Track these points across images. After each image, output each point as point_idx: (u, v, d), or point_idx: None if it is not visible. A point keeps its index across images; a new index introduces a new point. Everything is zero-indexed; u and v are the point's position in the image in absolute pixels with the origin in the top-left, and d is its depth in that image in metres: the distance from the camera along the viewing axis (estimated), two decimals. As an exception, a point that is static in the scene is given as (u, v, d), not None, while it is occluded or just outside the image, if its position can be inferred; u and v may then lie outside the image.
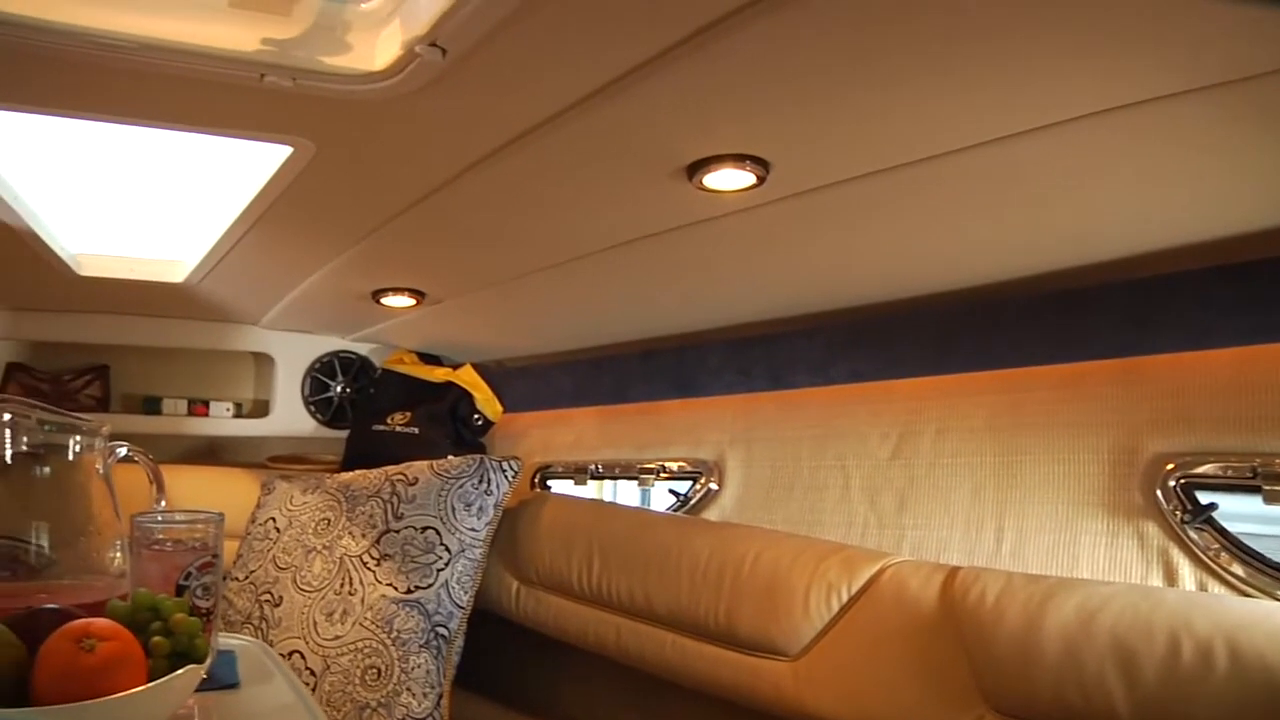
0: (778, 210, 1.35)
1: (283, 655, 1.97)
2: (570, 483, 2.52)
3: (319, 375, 2.94)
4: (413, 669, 1.95)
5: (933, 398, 1.71)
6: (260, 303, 2.45)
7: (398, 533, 2.07)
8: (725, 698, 1.60)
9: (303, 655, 1.99)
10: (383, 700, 1.91)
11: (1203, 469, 1.34)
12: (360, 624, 1.98)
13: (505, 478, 2.14)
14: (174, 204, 1.79)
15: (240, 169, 1.49)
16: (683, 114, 1.08)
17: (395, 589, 2.00)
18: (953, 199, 1.26)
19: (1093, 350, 1.49)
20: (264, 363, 2.94)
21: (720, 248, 1.57)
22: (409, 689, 1.93)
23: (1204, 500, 1.34)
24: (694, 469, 2.15)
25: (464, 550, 2.06)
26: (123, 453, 1.29)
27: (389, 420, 2.76)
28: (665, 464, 2.22)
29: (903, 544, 1.69)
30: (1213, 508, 1.33)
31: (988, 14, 0.82)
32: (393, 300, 2.19)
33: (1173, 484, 1.36)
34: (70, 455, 1.22)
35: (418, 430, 2.70)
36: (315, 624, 2.02)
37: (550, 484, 2.60)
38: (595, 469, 2.43)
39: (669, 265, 1.70)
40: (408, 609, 1.98)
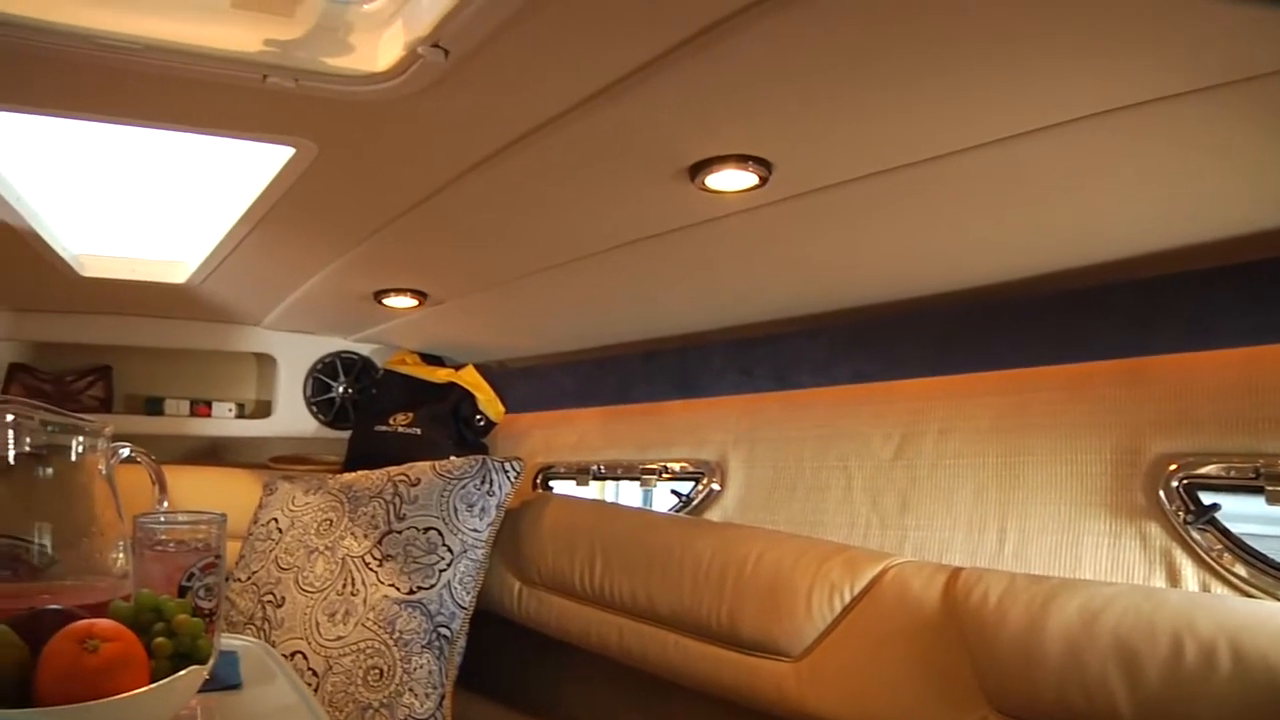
0: (780, 211, 1.35)
1: (285, 656, 1.97)
2: (572, 483, 2.52)
3: (321, 376, 2.94)
4: (415, 670, 1.95)
5: (935, 398, 1.71)
6: (262, 303, 2.45)
7: (400, 533, 2.07)
8: (727, 698, 1.59)
9: (305, 656, 1.99)
10: (385, 701, 1.91)
11: (1206, 470, 1.34)
12: (362, 625, 1.98)
13: (507, 478, 2.14)
14: (176, 205, 1.79)
15: (243, 170, 1.49)
16: (685, 114, 1.08)
17: (397, 590, 2.01)
18: (955, 199, 1.26)
19: (1095, 351, 1.49)
20: (266, 363, 2.94)
21: (723, 248, 1.57)
22: (411, 689, 1.93)
23: (1207, 501, 1.34)
24: (696, 469, 2.15)
25: (466, 551, 2.06)
26: (125, 454, 1.29)
27: (391, 421, 2.75)
28: (667, 464, 2.22)
29: (905, 545, 1.68)
30: (1215, 508, 1.33)
31: (990, 15, 0.82)
32: (395, 301, 2.19)
33: (1176, 485, 1.36)
34: (73, 456, 1.22)
35: (420, 431, 2.70)
36: (317, 624, 2.02)
37: (552, 485, 2.60)
38: (597, 469, 2.43)
39: (671, 266, 1.70)
40: (410, 609, 1.99)
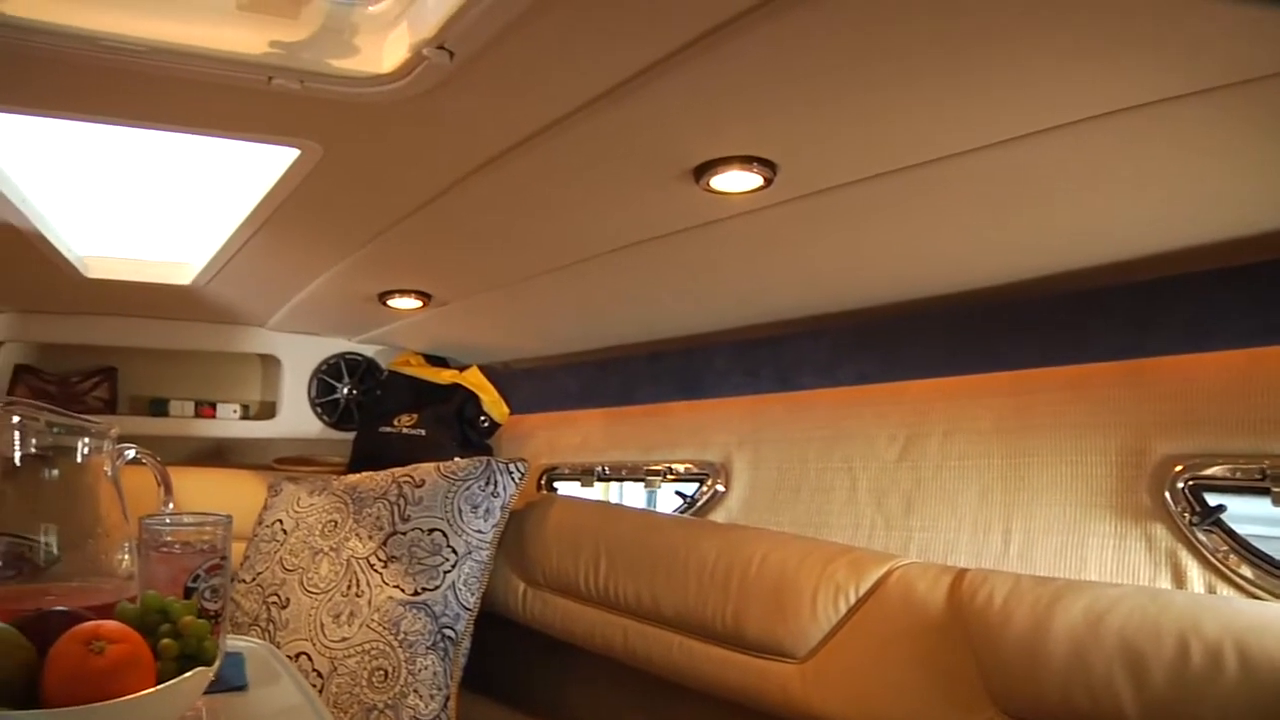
0: (784, 212, 1.35)
1: (290, 657, 1.97)
2: (577, 484, 2.52)
3: (325, 377, 2.94)
4: (420, 671, 1.95)
5: (940, 399, 1.71)
6: (267, 305, 2.45)
7: (404, 534, 2.08)
8: (732, 700, 1.59)
9: (310, 657, 1.99)
10: (390, 702, 1.91)
11: (1211, 471, 1.34)
12: (367, 626, 1.98)
13: (512, 479, 2.14)
14: (181, 206, 1.79)
15: (248, 171, 1.49)
16: (690, 116, 1.08)
17: (402, 591, 2.01)
18: (958, 201, 1.26)
19: (1097, 352, 1.49)
20: (271, 364, 2.94)
21: (727, 249, 1.57)
22: (416, 691, 1.93)
23: (1212, 502, 1.33)
24: (700, 471, 2.15)
25: (471, 552, 2.06)
26: (131, 455, 1.29)
27: (395, 422, 2.76)
28: (672, 466, 2.22)
29: (910, 546, 1.68)
30: (1221, 509, 1.32)
31: (993, 17, 0.82)
32: (399, 302, 2.19)
33: (1181, 486, 1.36)
34: (78, 457, 1.22)
35: (424, 432, 2.70)
36: (322, 626, 2.02)
37: (557, 486, 2.60)
38: (602, 471, 2.43)
39: (676, 267, 1.70)
40: (415, 611, 1.99)
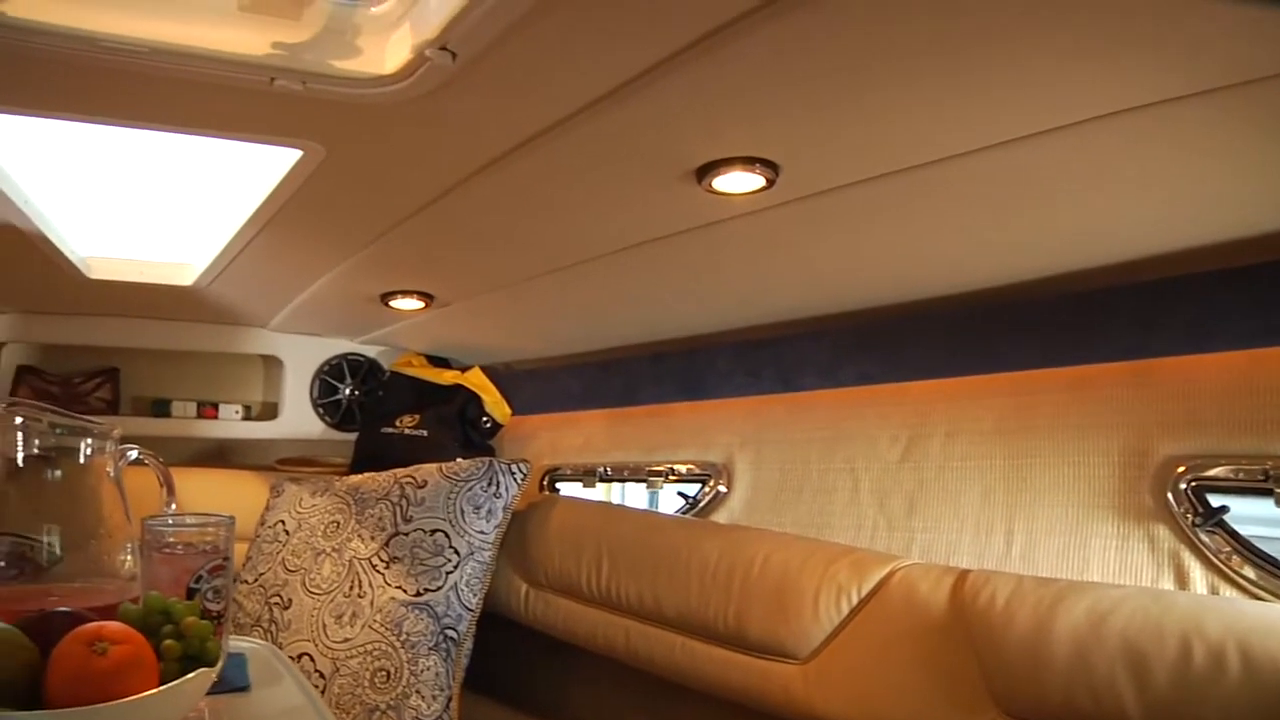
0: (787, 213, 1.35)
1: (292, 658, 1.97)
2: (579, 485, 2.52)
3: (328, 378, 2.94)
4: (422, 671, 1.95)
5: (942, 400, 1.71)
6: (269, 305, 2.45)
7: (407, 535, 2.08)
8: (735, 700, 1.59)
9: (312, 658, 1.99)
10: (392, 703, 1.91)
11: (1214, 472, 1.34)
12: (369, 626, 1.98)
13: (514, 480, 2.14)
14: (183, 207, 1.79)
15: (250, 172, 1.49)
16: (692, 117, 1.08)
17: (404, 591, 2.01)
18: (960, 202, 1.26)
19: (1099, 353, 1.49)
20: (273, 365, 2.95)
21: (729, 250, 1.57)
22: (418, 691, 1.93)
23: (1215, 503, 1.33)
24: (703, 471, 2.15)
25: (473, 553, 2.06)
26: (134, 456, 1.29)
27: (397, 423, 2.76)
28: (674, 466, 2.22)
29: (912, 547, 1.68)
30: (1224, 510, 1.32)
31: (994, 18, 0.82)
32: (402, 303, 2.19)
33: (1184, 487, 1.36)
34: (81, 458, 1.22)
35: (426, 433, 2.70)
36: (324, 626, 2.02)
37: (559, 486, 2.60)
38: (604, 471, 2.43)
39: (678, 268, 1.70)
40: (417, 611, 1.99)
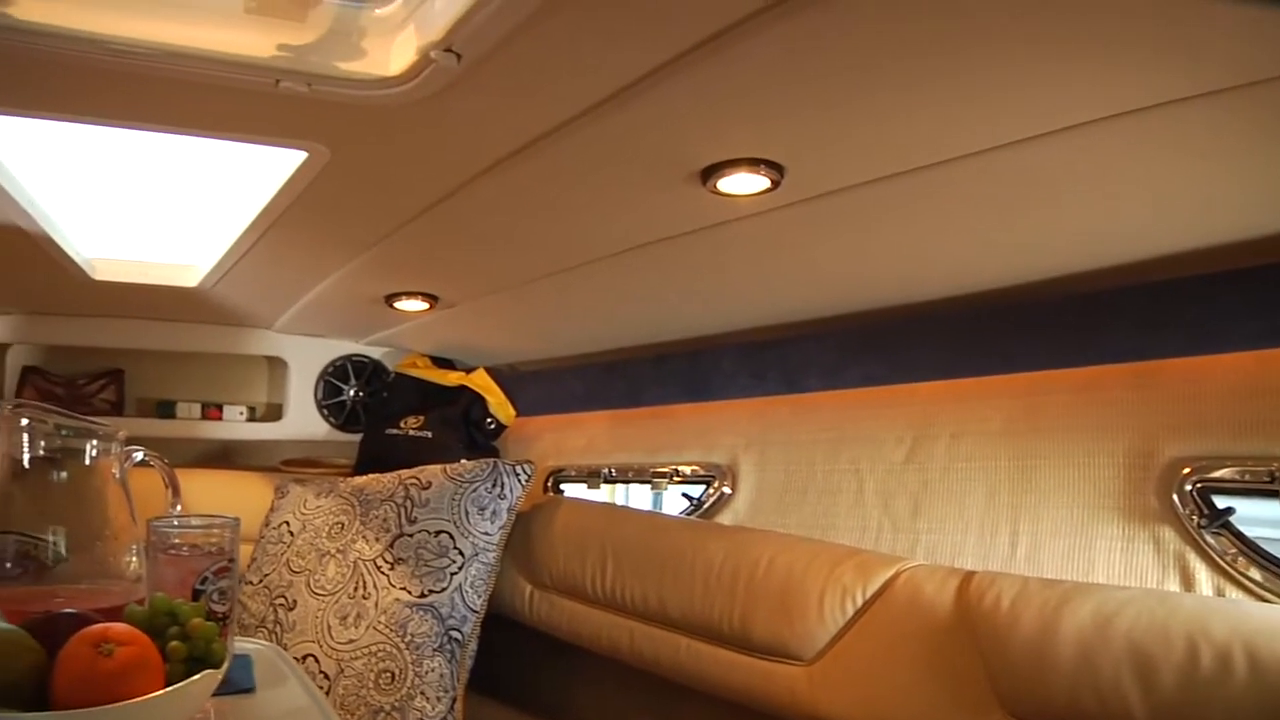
0: (791, 214, 1.35)
1: (297, 659, 1.97)
2: (583, 486, 2.52)
3: (332, 379, 2.94)
4: (426, 673, 1.95)
5: (947, 402, 1.70)
6: (274, 307, 2.46)
7: (411, 536, 2.08)
8: (739, 702, 1.59)
9: (317, 659, 2.00)
10: (396, 704, 1.91)
11: (1220, 473, 1.33)
12: (374, 628, 1.98)
13: (518, 481, 2.14)
14: (188, 209, 1.79)
15: (255, 174, 1.49)
16: (697, 118, 1.08)
17: (409, 593, 2.01)
18: (965, 203, 1.26)
19: (1104, 354, 1.49)
20: (277, 366, 2.95)
21: (734, 252, 1.57)
22: (423, 693, 1.93)
23: (1221, 505, 1.33)
24: (707, 473, 2.15)
25: (477, 554, 2.06)
26: (139, 457, 1.30)
27: (402, 424, 2.76)
28: (678, 468, 2.22)
29: (917, 548, 1.68)
30: (1230, 512, 1.32)
31: (998, 19, 0.82)
32: (406, 304, 2.19)
33: (1189, 488, 1.35)
34: (87, 460, 1.22)
35: (431, 434, 2.70)
36: (329, 628, 2.02)
37: (563, 488, 2.60)
38: (608, 473, 2.43)
39: (682, 269, 1.70)
40: (421, 613, 1.99)
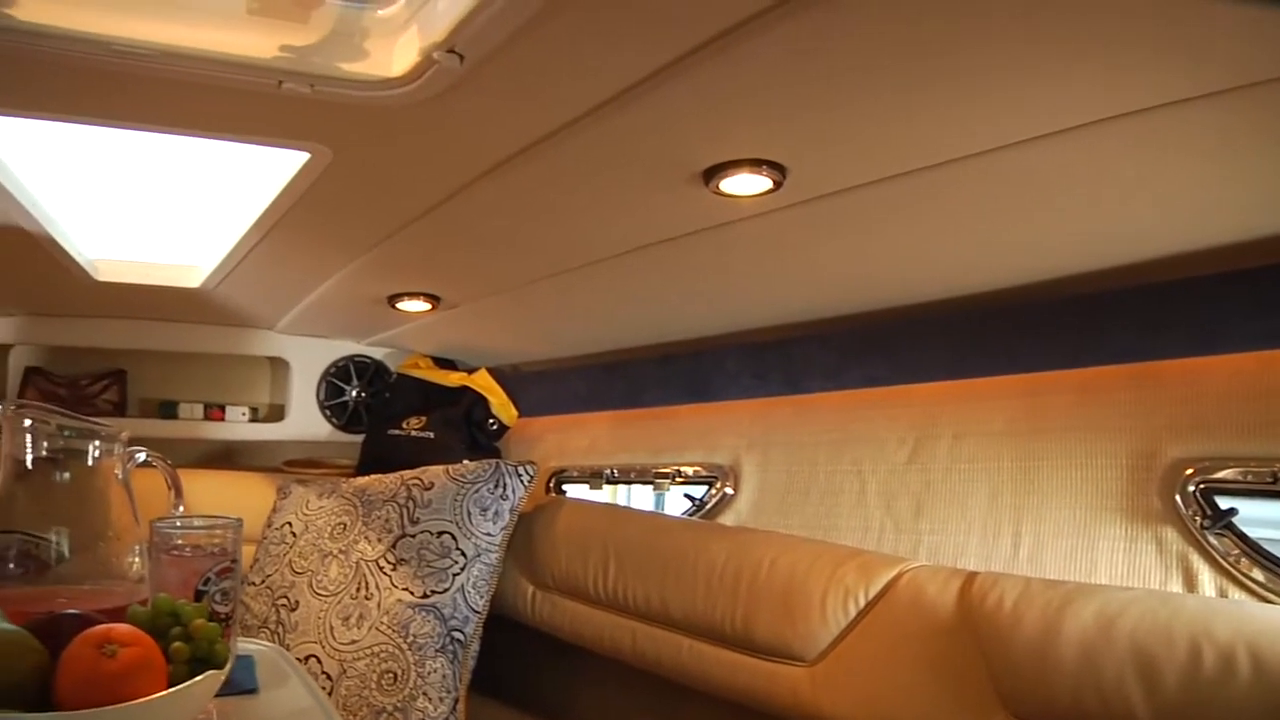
0: (794, 215, 1.35)
1: (299, 659, 1.97)
2: (585, 487, 2.52)
3: (334, 380, 2.95)
4: (429, 673, 1.95)
5: (949, 403, 1.70)
6: (276, 307, 2.46)
7: (414, 537, 2.08)
8: (742, 703, 1.59)
9: (319, 660, 2.00)
10: (399, 705, 1.91)
11: (1222, 474, 1.33)
12: (376, 628, 1.98)
13: (521, 482, 2.14)
14: (191, 210, 1.79)
15: (257, 175, 1.49)
16: (699, 119, 1.08)
17: (411, 593, 2.01)
18: (967, 204, 1.26)
19: (1107, 355, 1.49)
20: (279, 367, 2.95)
21: (736, 252, 1.57)
22: (425, 693, 1.93)
23: (1223, 505, 1.33)
24: (709, 473, 2.15)
25: (480, 555, 2.06)
26: (142, 458, 1.29)
27: (404, 425, 2.76)
28: (680, 468, 2.22)
29: (919, 549, 1.68)
30: (1233, 513, 1.32)
31: (1000, 21, 0.82)
32: (408, 305, 2.19)
33: (1192, 489, 1.35)
34: (89, 461, 1.22)
35: (433, 435, 2.70)
36: (331, 628, 2.02)
37: (565, 488, 2.60)
38: (610, 473, 2.43)
39: (685, 270, 1.70)
40: (424, 613, 1.99)
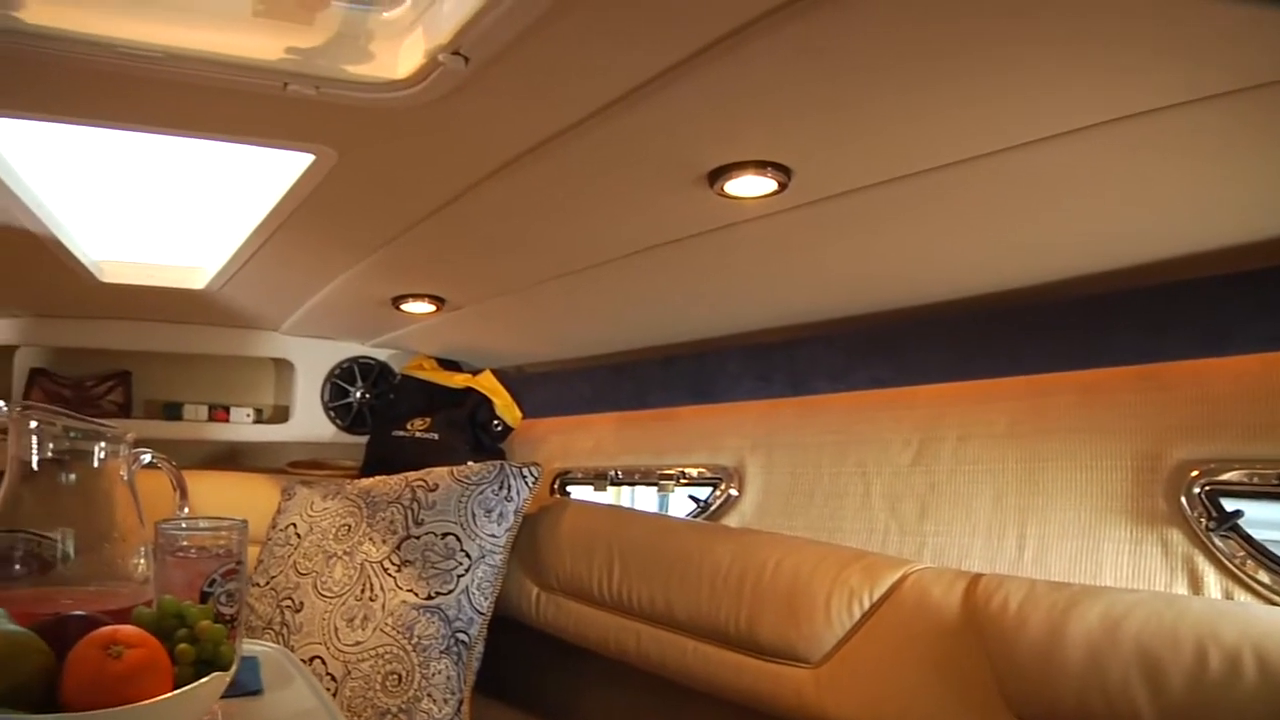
0: (798, 216, 1.34)
1: (304, 661, 1.97)
2: (590, 488, 2.52)
3: (339, 381, 2.95)
4: (433, 675, 1.95)
5: (954, 404, 1.70)
6: (281, 309, 2.46)
7: (418, 539, 2.08)
8: (746, 704, 1.59)
9: (324, 661, 2.00)
10: (403, 706, 1.91)
11: (1228, 476, 1.33)
12: (381, 630, 1.98)
13: (525, 484, 2.14)
14: (195, 211, 1.80)
15: (262, 176, 1.50)
16: (704, 121, 1.08)
17: (416, 595, 2.01)
18: (972, 205, 1.26)
19: (1112, 356, 1.48)
20: (284, 368, 2.95)
21: (741, 254, 1.57)
22: (429, 695, 1.93)
23: (1229, 507, 1.33)
24: (714, 475, 2.15)
25: (484, 556, 2.06)
26: (147, 459, 1.29)
27: (408, 426, 2.76)
28: (685, 470, 2.22)
29: (924, 551, 1.68)
30: (1238, 515, 1.32)
31: (1005, 23, 0.82)
32: (413, 306, 2.19)
33: (1197, 491, 1.35)
34: (95, 462, 1.22)
35: (437, 436, 2.70)
36: (336, 630, 2.02)
37: (570, 490, 2.60)
38: (615, 475, 2.43)
39: (689, 271, 1.70)
40: (428, 615, 1.99)
